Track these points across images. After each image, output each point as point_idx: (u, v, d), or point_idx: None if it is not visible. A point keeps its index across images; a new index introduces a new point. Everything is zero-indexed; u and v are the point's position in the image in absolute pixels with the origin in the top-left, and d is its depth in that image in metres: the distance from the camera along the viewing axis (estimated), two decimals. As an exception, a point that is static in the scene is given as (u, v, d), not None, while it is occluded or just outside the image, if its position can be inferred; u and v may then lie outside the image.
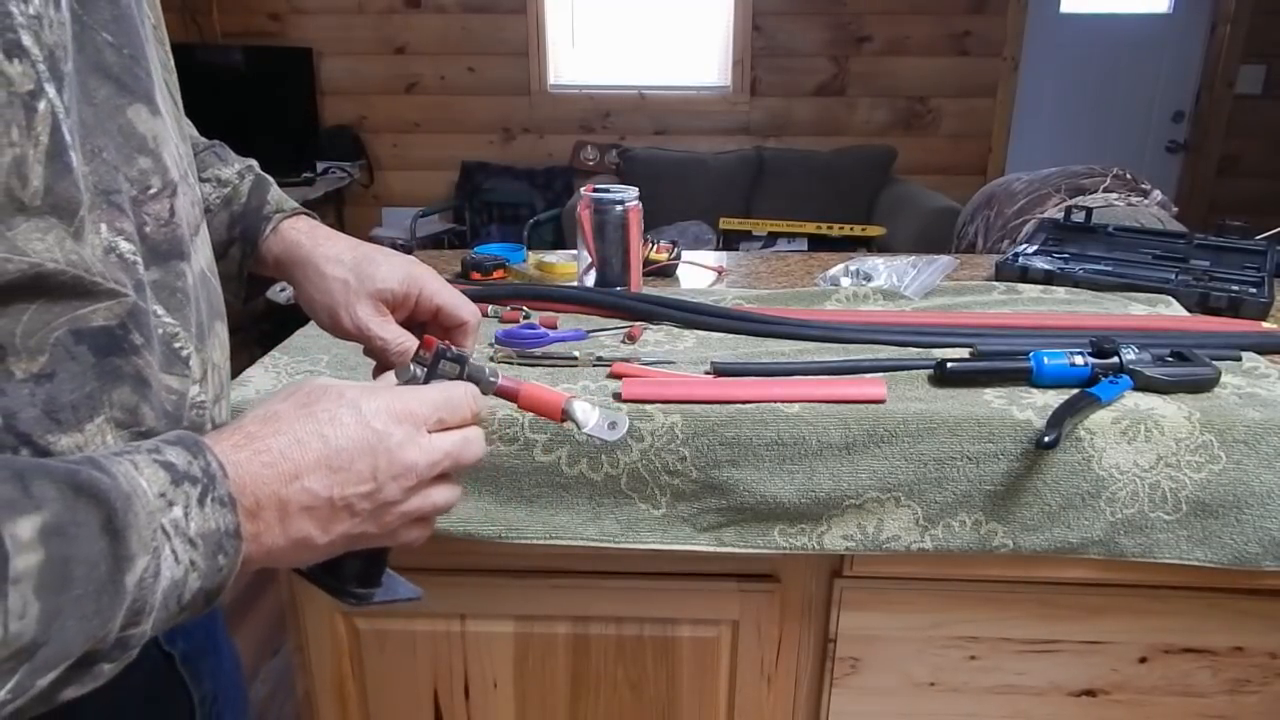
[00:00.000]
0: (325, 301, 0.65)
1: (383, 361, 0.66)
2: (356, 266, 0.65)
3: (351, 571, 0.53)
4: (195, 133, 0.73)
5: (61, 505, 0.35)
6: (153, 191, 0.48)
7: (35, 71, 0.39)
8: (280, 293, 0.72)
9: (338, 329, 0.66)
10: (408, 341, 0.65)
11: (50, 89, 0.40)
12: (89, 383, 0.44)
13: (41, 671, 0.34)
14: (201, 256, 0.55)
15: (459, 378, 0.55)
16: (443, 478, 0.51)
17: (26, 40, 0.39)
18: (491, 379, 0.57)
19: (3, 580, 0.32)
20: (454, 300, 0.67)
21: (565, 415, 0.60)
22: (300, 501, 0.44)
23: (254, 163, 0.74)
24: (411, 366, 0.56)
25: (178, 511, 0.39)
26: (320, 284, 0.66)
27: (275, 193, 0.71)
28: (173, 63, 0.56)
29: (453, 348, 0.56)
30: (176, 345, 0.50)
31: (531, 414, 0.85)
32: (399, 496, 0.48)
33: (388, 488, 0.47)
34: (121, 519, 0.36)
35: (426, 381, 0.55)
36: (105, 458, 0.39)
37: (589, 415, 0.60)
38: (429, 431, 0.49)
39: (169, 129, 0.50)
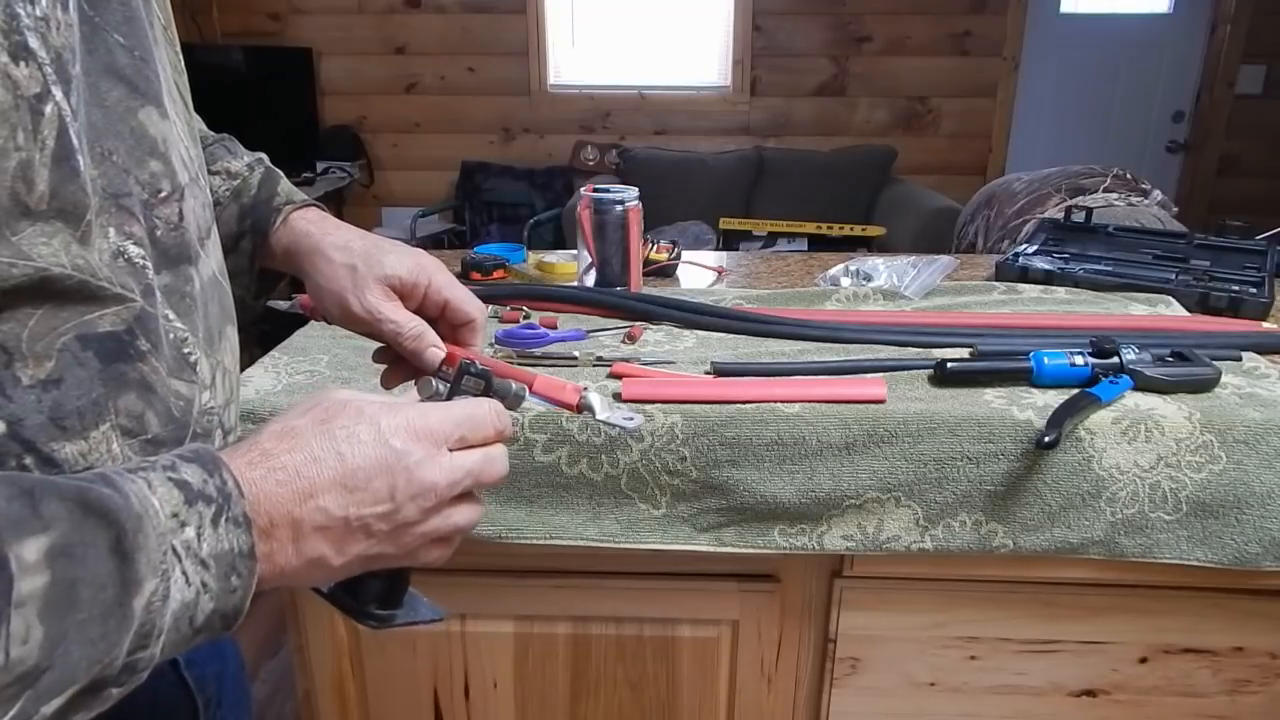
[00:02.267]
0: (334, 288, 0.64)
1: (395, 348, 0.64)
2: (365, 254, 0.64)
3: (372, 593, 0.52)
4: (204, 127, 0.73)
5: (70, 525, 0.34)
6: (163, 195, 0.48)
7: (42, 74, 0.38)
8: (282, 302, 0.72)
9: (347, 316, 0.64)
10: (420, 326, 0.63)
11: (57, 92, 0.39)
12: (95, 389, 0.43)
13: (45, 698, 0.33)
14: (213, 260, 0.54)
15: (483, 394, 0.54)
16: (464, 496, 0.49)
17: (33, 43, 0.38)
18: (518, 394, 0.56)
19: (6, 604, 0.32)
20: (462, 295, 0.66)
21: (582, 405, 0.60)
22: (314, 521, 0.43)
23: (264, 156, 0.73)
24: (434, 382, 0.54)
25: (190, 532, 0.38)
26: (328, 270, 0.65)
27: (285, 185, 0.71)
28: (183, 64, 0.56)
29: (477, 363, 0.55)
30: (185, 350, 0.49)
31: (532, 413, 0.85)
32: (418, 517, 0.46)
33: (406, 508, 0.46)
34: (131, 540, 0.36)
35: (450, 398, 0.53)
36: (119, 474, 0.38)
37: (605, 406, 0.61)
38: (450, 450, 0.48)
39: (177, 132, 0.50)
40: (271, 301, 0.71)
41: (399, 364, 0.66)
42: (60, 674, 0.33)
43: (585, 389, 0.61)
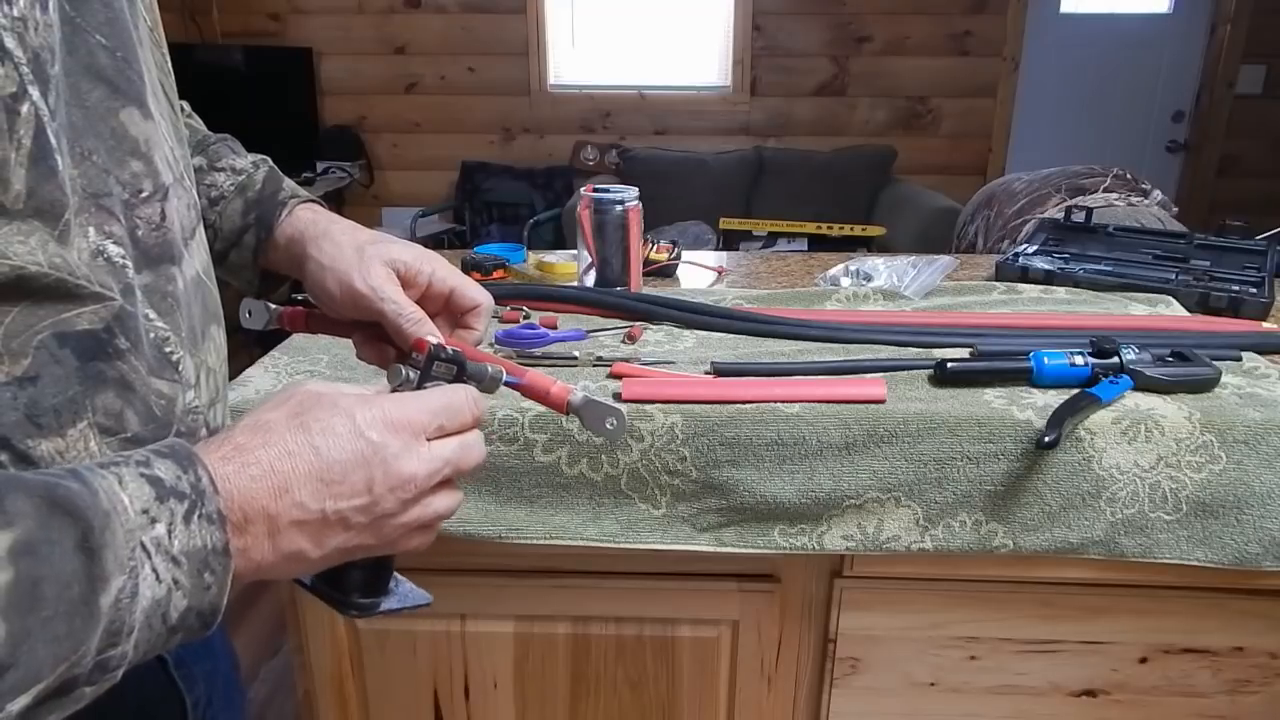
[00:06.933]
0: (338, 266, 0.63)
1: (391, 331, 0.62)
2: (371, 238, 0.65)
3: (355, 582, 0.51)
4: (204, 128, 0.73)
5: (35, 522, 0.34)
6: (144, 195, 0.48)
7: (18, 74, 0.38)
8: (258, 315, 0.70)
9: (349, 294, 0.62)
10: (421, 314, 0.62)
11: (34, 91, 0.39)
12: (72, 387, 0.43)
13: (10, 695, 0.33)
14: (197, 260, 0.54)
15: (456, 379, 0.53)
16: (443, 484, 0.49)
17: (9, 42, 0.38)
18: (495, 377, 0.55)
19: None
20: (467, 282, 0.65)
21: (570, 409, 0.59)
22: (290, 516, 0.43)
23: (267, 157, 0.74)
24: (403, 369, 0.53)
25: (160, 529, 0.38)
26: (333, 251, 0.64)
27: (289, 183, 0.71)
28: (170, 65, 0.56)
29: (448, 347, 0.54)
30: (167, 350, 0.49)
31: (532, 413, 0.85)
32: (397, 508, 0.46)
33: (385, 500, 0.46)
34: (98, 537, 0.35)
35: (420, 385, 0.52)
36: (90, 470, 0.38)
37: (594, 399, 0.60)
38: (428, 439, 0.48)
39: (162, 132, 0.50)
40: (247, 324, 0.69)
41: (383, 351, 0.65)
42: (25, 672, 0.33)
43: (572, 389, 0.60)
